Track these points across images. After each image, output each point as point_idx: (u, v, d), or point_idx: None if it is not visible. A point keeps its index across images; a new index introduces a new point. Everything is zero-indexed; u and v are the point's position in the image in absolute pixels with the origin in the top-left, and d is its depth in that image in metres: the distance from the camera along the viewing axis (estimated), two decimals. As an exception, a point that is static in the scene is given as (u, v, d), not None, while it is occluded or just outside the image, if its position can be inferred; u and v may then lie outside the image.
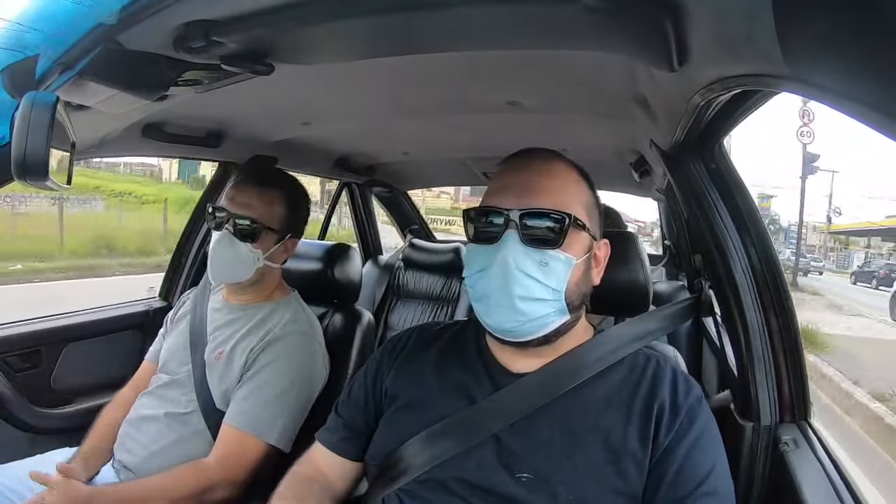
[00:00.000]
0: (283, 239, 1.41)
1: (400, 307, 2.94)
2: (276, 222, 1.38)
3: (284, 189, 1.42)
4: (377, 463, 0.90)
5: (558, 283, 0.82)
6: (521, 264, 0.80)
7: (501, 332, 0.84)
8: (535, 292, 0.80)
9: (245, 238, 1.34)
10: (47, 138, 0.69)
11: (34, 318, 1.77)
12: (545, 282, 0.81)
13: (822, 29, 0.40)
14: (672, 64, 0.68)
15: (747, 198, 1.00)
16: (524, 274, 0.80)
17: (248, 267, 1.36)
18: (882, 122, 0.36)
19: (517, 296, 0.80)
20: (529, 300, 0.80)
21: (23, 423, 1.56)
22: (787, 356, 0.95)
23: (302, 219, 1.48)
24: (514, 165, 0.89)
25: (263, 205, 1.36)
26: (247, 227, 1.34)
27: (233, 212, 1.34)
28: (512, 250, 0.80)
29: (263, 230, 1.36)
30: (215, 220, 1.36)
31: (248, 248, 1.34)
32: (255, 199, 1.36)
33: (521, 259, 0.80)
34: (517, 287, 0.80)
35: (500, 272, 0.80)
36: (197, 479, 1.17)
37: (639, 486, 0.77)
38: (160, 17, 0.72)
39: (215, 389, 1.31)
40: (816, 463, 0.86)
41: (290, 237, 1.43)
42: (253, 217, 1.34)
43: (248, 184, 1.39)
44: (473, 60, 1.07)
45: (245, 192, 1.37)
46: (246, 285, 1.40)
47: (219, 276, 1.38)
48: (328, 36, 0.81)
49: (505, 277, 0.80)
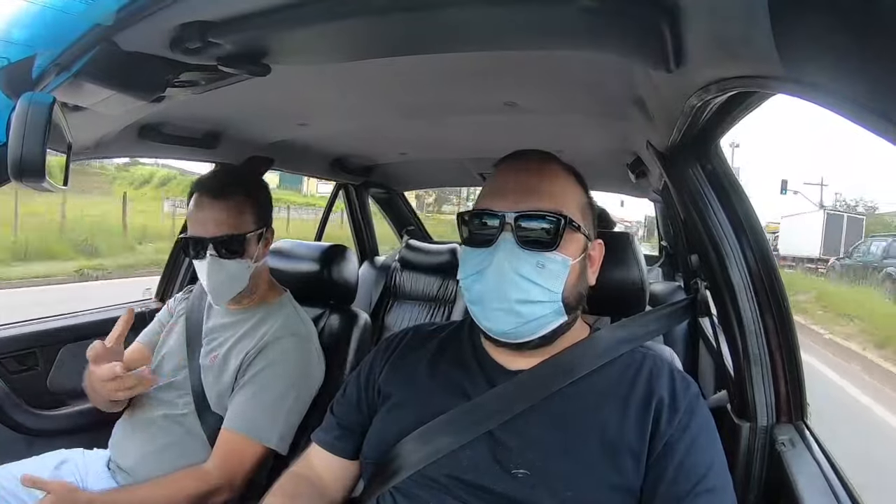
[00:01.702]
0: (262, 237, 1.39)
1: (396, 308, 2.94)
2: (251, 225, 1.35)
3: (247, 190, 1.37)
4: (372, 461, 0.90)
5: (555, 285, 0.82)
6: (518, 267, 0.80)
7: (499, 335, 0.84)
8: (532, 295, 0.81)
9: (231, 254, 1.31)
10: (44, 139, 0.68)
11: (29, 319, 1.76)
12: (542, 284, 0.81)
13: (819, 30, 0.40)
14: (668, 65, 0.68)
15: (744, 199, 1.00)
16: (521, 277, 0.80)
17: (243, 277, 1.35)
18: (878, 123, 0.36)
19: (515, 299, 0.80)
20: (527, 303, 0.81)
21: (18, 425, 1.55)
22: (783, 356, 0.95)
23: (269, 210, 1.43)
24: (508, 167, 0.90)
25: (233, 215, 1.31)
26: (229, 246, 1.30)
27: (208, 237, 1.29)
28: (508, 253, 0.80)
29: (245, 239, 1.33)
30: (193, 251, 1.31)
31: (237, 262, 1.32)
32: (223, 213, 1.31)
33: (517, 262, 0.80)
34: (514, 290, 0.80)
35: (497, 275, 0.80)
36: (197, 484, 1.17)
37: (636, 480, 0.77)
38: (157, 18, 0.71)
39: (210, 392, 1.32)
40: (813, 463, 0.86)
41: (266, 230, 1.41)
42: (230, 233, 1.30)
43: (208, 198, 1.32)
44: (470, 61, 1.07)
45: (209, 209, 1.31)
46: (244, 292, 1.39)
47: (221, 298, 1.36)
48: (324, 37, 0.81)
49: (501, 281, 0.80)
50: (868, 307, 9.40)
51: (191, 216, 1.34)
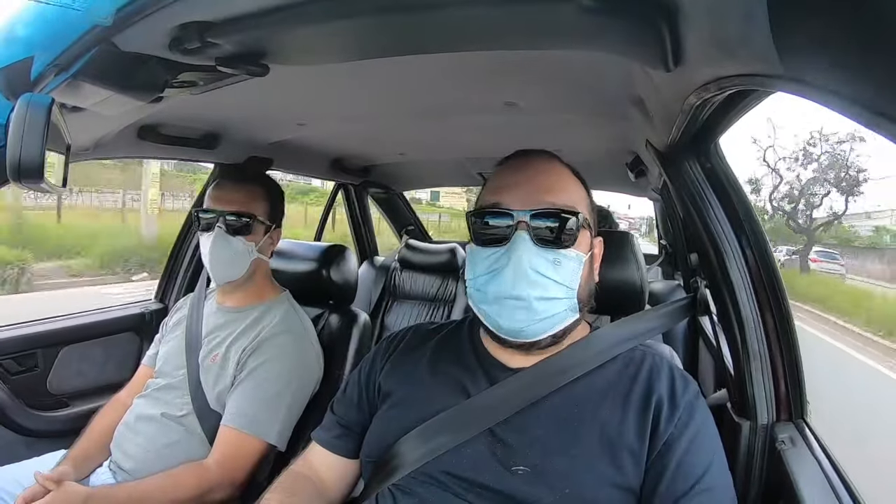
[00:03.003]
0: (270, 231, 1.45)
1: (396, 308, 2.94)
2: (262, 214, 1.42)
3: (263, 183, 1.47)
4: (372, 460, 0.90)
5: (571, 281, 0.83)
6: (536, 264, 0.81)
7: (514, 334, 0.84)
8: (550, 291, 0.81)
9: (238, 232, 1.38)
10: (43, 140, 0.68)
11: (30, 320, 1.76)
12: (559, 280, 0.81)
13: (817, 28, 0.40)
14: (668, 64, 0.68)
15: (743, 197, 1.00)
16: (539, 274, 0.80)
17: (245, 261, 1.39)
18: (876, 121, 0.36)
19: (534, 297, 0.80)
20: (545, 300, 0.81)
21: (18, 427, 1.55)
22: (783, 354, 0.95)
23: (281, 212, 1.51)
24: (513, 166, 0.90)
25: (248, 199, 1.40)
26: (238, 222, 1.38)
27: (221, 210, 1.37)
28: (525, 251, 0.80)
29: (254, 222, 1.40)
30: (204, 222, 1.39)
31: (242, 241, 1.38)
32: (240, 194, 1.40)
33: (534, 259, 0.81)
34: (533, 287, 0.80)
35: (514, 273, 0.80)
36: (198, 481, 1.17)
37: (635, 479, 0.78)
38: (155, 18, 0.71)
39: (209, 391, 1.32)
40: (813, 461, 0.86)
41: (274, 228, 1.47)
42: (242, 211, 1.38)
43: (230, 181, 1.43)
44: (469, 61, 1.07)
45: (228, 189, 1.41)
46: (240, 283, 1.42)
47: (219, 275, 1.39)
48: (323, 37, 0.81)
49: (519, 278, 0.80)
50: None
51: (209, 195, 1.43)
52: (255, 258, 1.41)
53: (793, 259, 22.86)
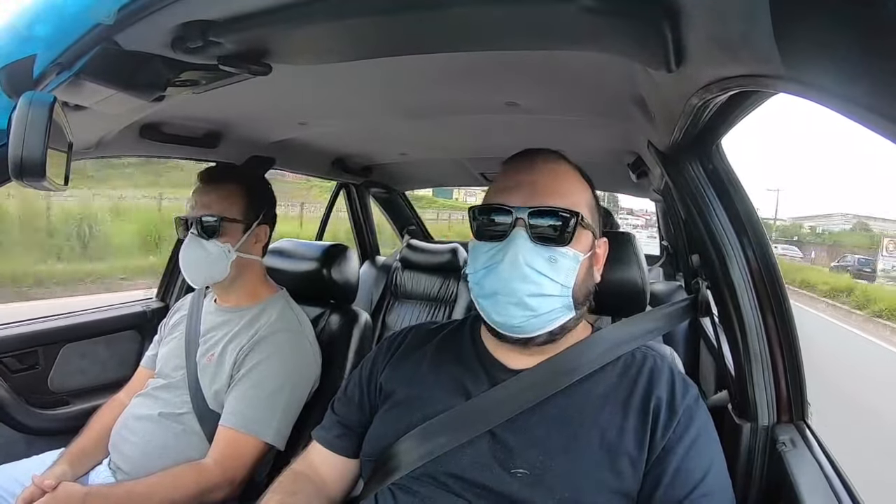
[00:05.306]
0: (251, 229, 1.43)
1: (397, 308, 2.94)
2: (237, 213, 1.41)
3: (239, 182, 1.46)
4: (372, 459, 0.90)
5: (567, 279, 0.83)
6: (531, 261, 0.81)
7: (509, 329, 0.84)
8: (544, 288, 0.81)
9: (210, 235, 1.37)
10: (45, 139, 0.68)
11: (31, 318, 1.76)
12: (554, 277, 0.82)
13: (820, 30, 0.40)
14: (669, 65, 0.68)
15: (745, 199, 1.00)
16: (534, 270, 0.81)
17: (222, 263, 1.38)
18: (879, 123, 0.36)
19: (527, 292, 0.81)
20: (539, 296, 0.81)
21: (19, 425, 1.56)
22: (784, 356, 0.95)
23: (267, 206, 1.50)
24: (518, 165, 0.90)
25: (221, 200, 1.40)
26: (208, 224, 1.38)
27: (194, 215, 1.38)
28: (522, 247, 0.81)
29: (225, 223, 1.39)
30: (181, 228, 1.41)
31: (215, 243, 1.37)
32: (212, 196, 1.40)
33: (530, 256, 0.81)
34: (527, 283, 0.80)
35: (509, 269, 0.81)
36: (197, 480, 1.17)
37: (633, 485, 0.78)
38: (158, 17, 0.71)
39: (207, 390, 1.33)
40: (814, 463, 0.86)
41: (258, 225, 1.45)
42: (212, 213, 1.38)
43: (205, 186, 1.43)
44: (471, 61, 1.07)
45: (201, 192, 1.41)
46: (227, 283, 1.42)
47: (194, 278, 1.40)
48: (325, 36, 0.81)
49: (514, 274, 0.81)
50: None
51: (187, 202, 1.44)
52: (234, 259, 1.39)
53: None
